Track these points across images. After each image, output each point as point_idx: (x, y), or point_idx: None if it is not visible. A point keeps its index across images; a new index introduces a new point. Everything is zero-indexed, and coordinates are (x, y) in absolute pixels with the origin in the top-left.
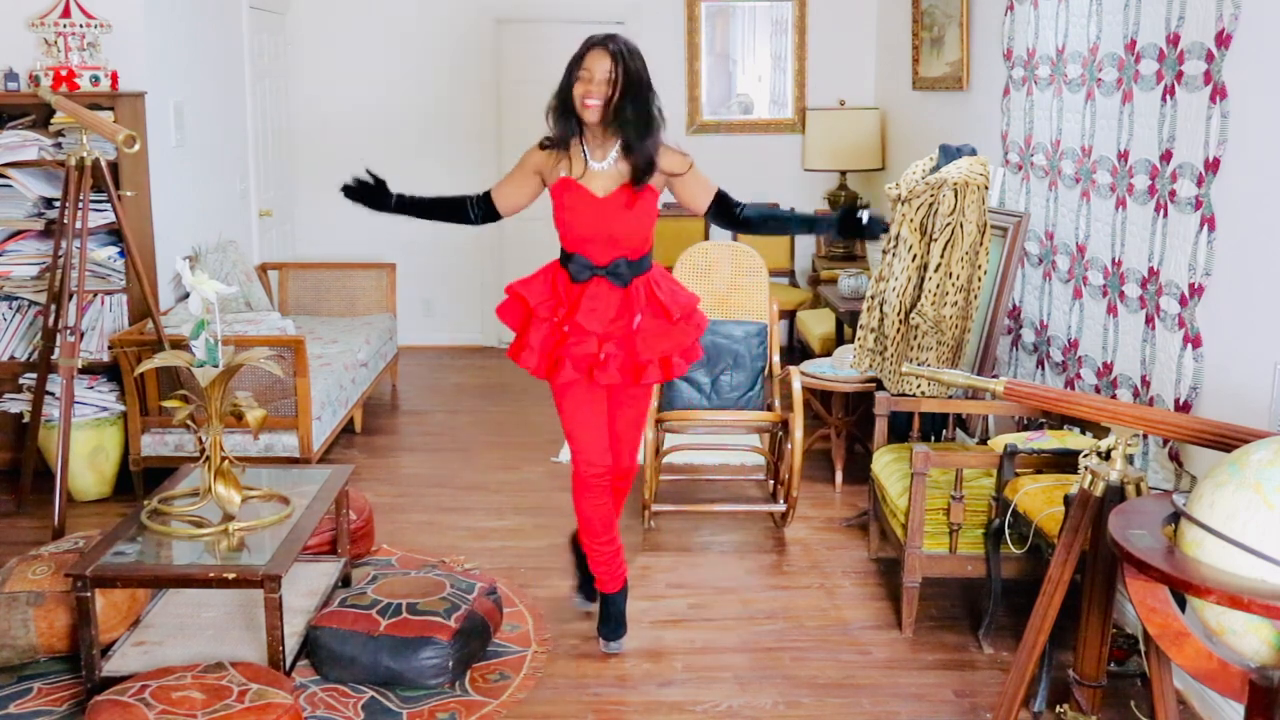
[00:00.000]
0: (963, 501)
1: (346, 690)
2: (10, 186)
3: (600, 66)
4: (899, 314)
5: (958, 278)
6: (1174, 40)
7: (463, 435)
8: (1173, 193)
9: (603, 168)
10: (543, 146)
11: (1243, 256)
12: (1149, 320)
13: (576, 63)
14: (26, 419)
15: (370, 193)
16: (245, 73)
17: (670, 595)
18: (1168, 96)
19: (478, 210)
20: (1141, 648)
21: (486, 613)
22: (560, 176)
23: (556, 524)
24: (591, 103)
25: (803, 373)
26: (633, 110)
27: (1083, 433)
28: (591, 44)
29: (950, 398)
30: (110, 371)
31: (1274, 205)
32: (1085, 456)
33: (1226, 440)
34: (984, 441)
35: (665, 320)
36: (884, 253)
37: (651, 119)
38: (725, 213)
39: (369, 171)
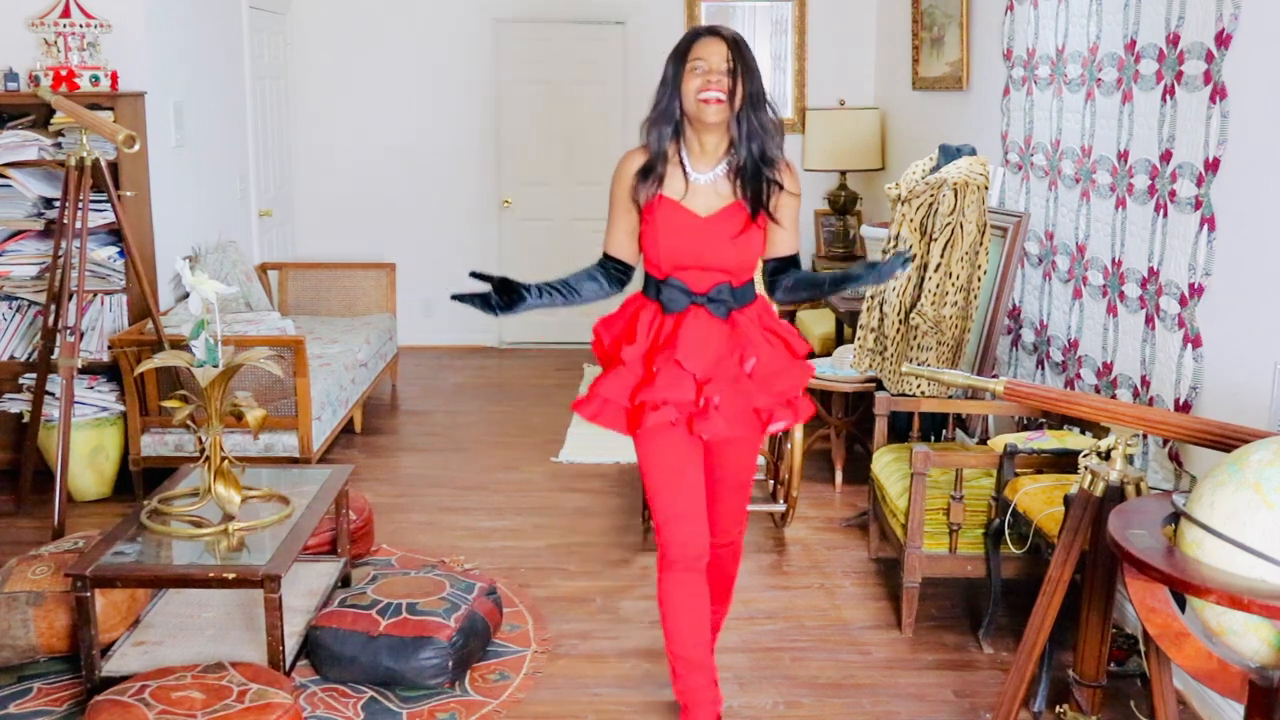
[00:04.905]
0: (963, 501)
1: (346, 690)
2: (10, 186)
3: (716, 55)
4: (899, 314)
5: (958, 278)
6: (1174, 40)
7: (463, 435)
8: (1173, 193)
9: (707, 180)
10: (636, 173)
11: (1243, 256)
12: (1149, 320)
13: (683, 55)
14: (26, 419)
15: (490, 293)
16: (245, 73)
17: None
18: (1167, 96)
19: (610, 281)
20: (1141, 648)
21: (486, 613)
22: (656, 194)
23: (556, 524)
24: (711, 96)
25: None
26: (757, 117)
27: (1083, 433)
28: (699, 32)
29: (950, 398)
30: (110, 371)
31: (1274, 205)
32: (1085, 456)
33: (1226, 440)
34: (984, 441)
35: (787, 352)
36: (884, 253)
37: (778, 129)
38: (776, 274)
39: (479, 275)
